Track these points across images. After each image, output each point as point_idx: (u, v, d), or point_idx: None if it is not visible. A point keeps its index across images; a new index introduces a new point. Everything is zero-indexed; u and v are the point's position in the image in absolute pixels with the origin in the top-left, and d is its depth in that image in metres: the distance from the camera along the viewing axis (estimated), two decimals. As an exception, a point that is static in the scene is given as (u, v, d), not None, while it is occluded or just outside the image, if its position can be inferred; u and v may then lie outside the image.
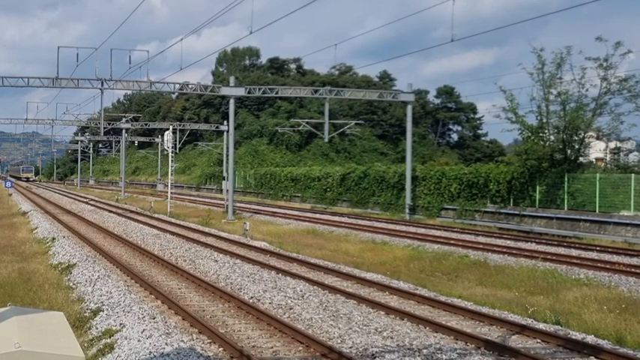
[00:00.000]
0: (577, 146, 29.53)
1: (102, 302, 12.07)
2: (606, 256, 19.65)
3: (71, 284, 14.38)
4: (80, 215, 34.84)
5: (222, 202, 41.08)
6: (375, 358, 9.01)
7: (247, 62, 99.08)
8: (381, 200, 40.52)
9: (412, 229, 28.13)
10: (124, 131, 63.95)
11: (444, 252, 20.45)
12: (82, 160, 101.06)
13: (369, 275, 15.76)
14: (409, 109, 38.48)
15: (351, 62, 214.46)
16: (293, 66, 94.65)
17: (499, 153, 74.47)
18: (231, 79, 36.88)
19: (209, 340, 9.73)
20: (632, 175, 26.88)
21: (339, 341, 9.79)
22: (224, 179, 40.97)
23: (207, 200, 52.59)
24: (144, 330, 9.82)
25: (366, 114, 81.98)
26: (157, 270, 16.70)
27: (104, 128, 59.00)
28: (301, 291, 13.58)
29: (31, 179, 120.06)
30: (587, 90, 28.51)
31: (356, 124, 65.10)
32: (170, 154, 39.23)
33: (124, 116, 68.77)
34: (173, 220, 32.07)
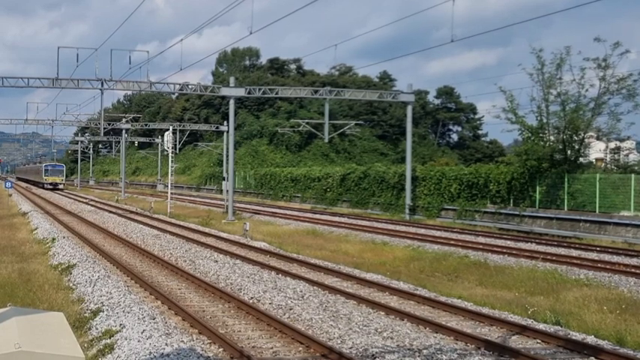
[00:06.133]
0: (577, 146, 29.54)
1: (102, 303, 12.07)
2: (606, 257, 19.65)
3: (71, 285, 14.38)
4: (80, 216, 34.83)
5: (222, 203, 41.07)
6: (375, 358, 9.01)
7: (247, 63, 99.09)
8: (381, 201, 40.52)
9: (412, 230, 28.12)
10: (124, 132, 63.96)
11: (444, 252, 20.45)
12: (82, 160, 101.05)
13: (369, 276, 15.76)
14: (409, 109, 38.50)
15: (352, 63, 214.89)
16: (293, 66, 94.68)
17: (499, 153, 74.54)
18: (231, 80, 36.88)
19: (209, 341, 9.73)
20: (632, 175, 26.89)
21: (339, 342, 9.78)
22: (224, 180, 40.97)
23: (207, 201, 52.59)
24: (144, 330, 9.82)
25: (366, 114, 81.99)
26: (157, 270, 16.70)
27: (104, 129, 59.00)
28: (301, 291, 13.58)
29: (60, 186, 76.76)
30: (586, 90, 28.57)
31: (356, 124, 65.11)
32: (170, 154, 39.24)
33: (124, 117, 68.79)
34: (173, 221, 32.06)
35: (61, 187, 76.63)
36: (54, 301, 12.36)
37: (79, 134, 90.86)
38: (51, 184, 75.67)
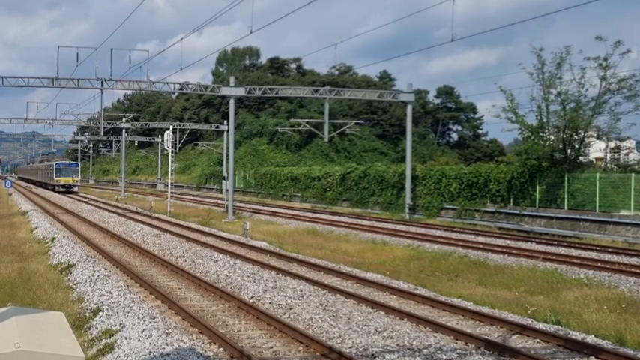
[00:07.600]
0: (577, 146, 29.54)
1: (102, 302, 12.07)
2: (606, 256, 19.65)
3: (71, 284, 14.38)
4: (80, 215, 34.82)
5: (222, 202, 41.08)
6: (375, 358, 9.00)
7: (247, 62, 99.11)
8: (381, 200, 40.52)
9: (412, 229, 28.12)
10: (124, 131, 63.95)
11: (444, 252, 20.45)
12: (82, 159, 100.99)
13: (369, 275, 15.76)
14: (409, 108, 38.48)
15: (352, 62, 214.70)
16: (293, 66, 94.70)
17: (499, 153, 74.57)
18: (231, 79, 36.87)
19: (209, 340, 9.73)
20: (632, 174, 26.89)
21: (339, 341, 9.78)
22: (224, 179, 40.98)
23: (207, 200, 52.59)
24: (144, 330, 9.82)
25: (366, 114, 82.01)
26: (157, 270, 16.70)
27: (104, 128, 58.82)
28: (301, 291, 13.58)
29: (75, 188, 63.80)
30: (586, 90, 28.58)
31: (356, 123, 65.14)
32: (170, 153, 39.23)
33: (124, 116, 68.71)
34: (173, 220, 32.06)
35: (75, 189, 63.50)
36: (54, 300, 12.36)
37: (79, 134, 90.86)
38: (63, 186, 62.62)
